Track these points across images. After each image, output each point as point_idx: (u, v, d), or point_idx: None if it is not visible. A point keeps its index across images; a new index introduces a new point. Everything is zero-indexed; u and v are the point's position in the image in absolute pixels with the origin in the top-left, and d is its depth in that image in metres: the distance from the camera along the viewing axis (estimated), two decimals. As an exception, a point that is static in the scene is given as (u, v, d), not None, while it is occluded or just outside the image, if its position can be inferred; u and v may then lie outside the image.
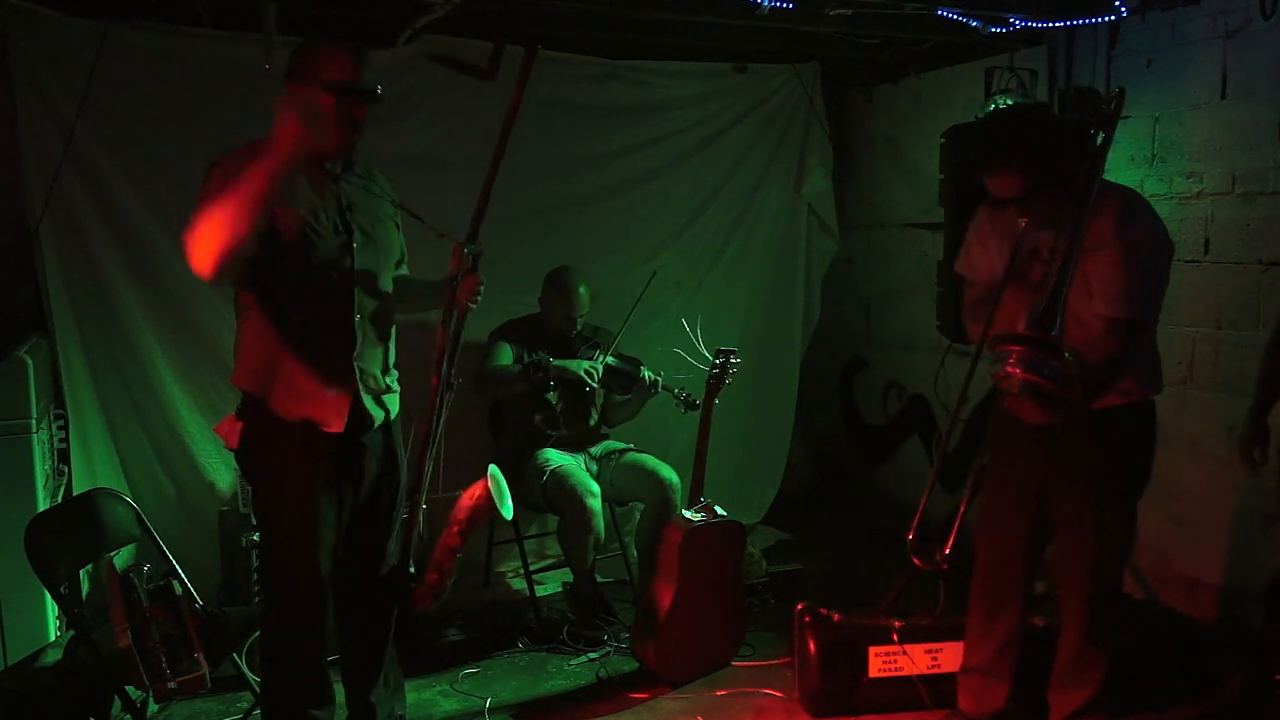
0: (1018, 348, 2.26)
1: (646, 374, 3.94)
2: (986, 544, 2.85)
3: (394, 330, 2.70)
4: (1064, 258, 2.38)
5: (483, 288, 2.56)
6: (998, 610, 2.84)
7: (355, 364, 2.53)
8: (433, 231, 2.60)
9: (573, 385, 3.92)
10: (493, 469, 2.57)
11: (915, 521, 2.67)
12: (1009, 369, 2.27)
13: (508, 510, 2.57)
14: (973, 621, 2.91)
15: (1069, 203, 2.44)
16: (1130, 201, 2.53)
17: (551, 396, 3.97)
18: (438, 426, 2.51)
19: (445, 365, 2.52)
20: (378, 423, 2.61)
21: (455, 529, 2.50)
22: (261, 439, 2.49)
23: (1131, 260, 2.43)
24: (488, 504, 2.48)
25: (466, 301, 2.54)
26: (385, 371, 2.65)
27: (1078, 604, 2.67)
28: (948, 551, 2.57)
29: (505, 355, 3.95)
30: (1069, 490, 2.64)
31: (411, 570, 2.54)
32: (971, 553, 2.90)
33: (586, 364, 3.87)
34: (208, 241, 2.22)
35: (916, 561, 2.63)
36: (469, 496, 2.51)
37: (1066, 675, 2.72)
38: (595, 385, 3.86)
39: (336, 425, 2.50)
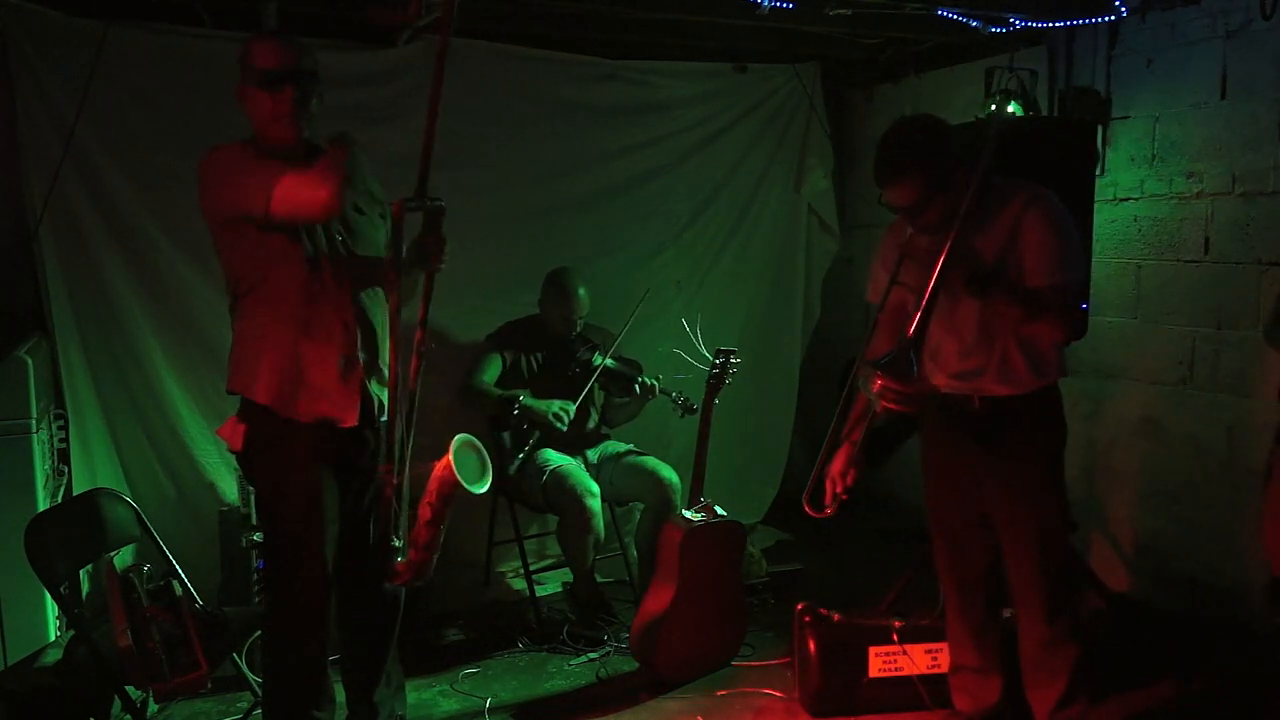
0: (879, 379, 2.44)
1: (645, 378, 3.94)
2: (939, 539, 2.87)
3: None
4: (926, 303, 2.46)
5: (448, 245, 2.43)
6: (965, 603, 2.86)
7: (361, 355, 2.53)
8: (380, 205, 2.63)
9: (564, 383, 3.91)
10: (463, 439, 2.46)
11: (813, 477, 2.88)
12: (874, 392, 2.47)
13: (480, 485, 2.45)
14: (949, 620, 2.93)
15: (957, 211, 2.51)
16: (1032, 187, 2.60)
17: (505, 436, 3.94)
18: (414, 397, 2.41)
19: (417, 331, 2.40)
20: (385, 413, 2.60)
21: (427, 501, 2.44)
22: (269, 441, 2.48)
23: (1053, 229, 2.52)
24: (452, 477, 2.38)
25: (435, 264, 2.41)
26: (385, 363, 2.64)
27: (1029, 590, 2.68)
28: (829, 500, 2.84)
29: (493, 370, 3.93)
30: (993, 478, 2.68)
31: (397, 544, 2.49)
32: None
33: (558, 405, 3.78)
34: (327, 179, 2.30)
35: (808, 509, 2.86)
36: (438, 468, 2.43)
37: (1038, 667, 2.71)
38: (563, 428, 3.79)
39: (352, 419, 2.50)
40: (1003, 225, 2.54)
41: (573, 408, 3.81)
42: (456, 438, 2.45)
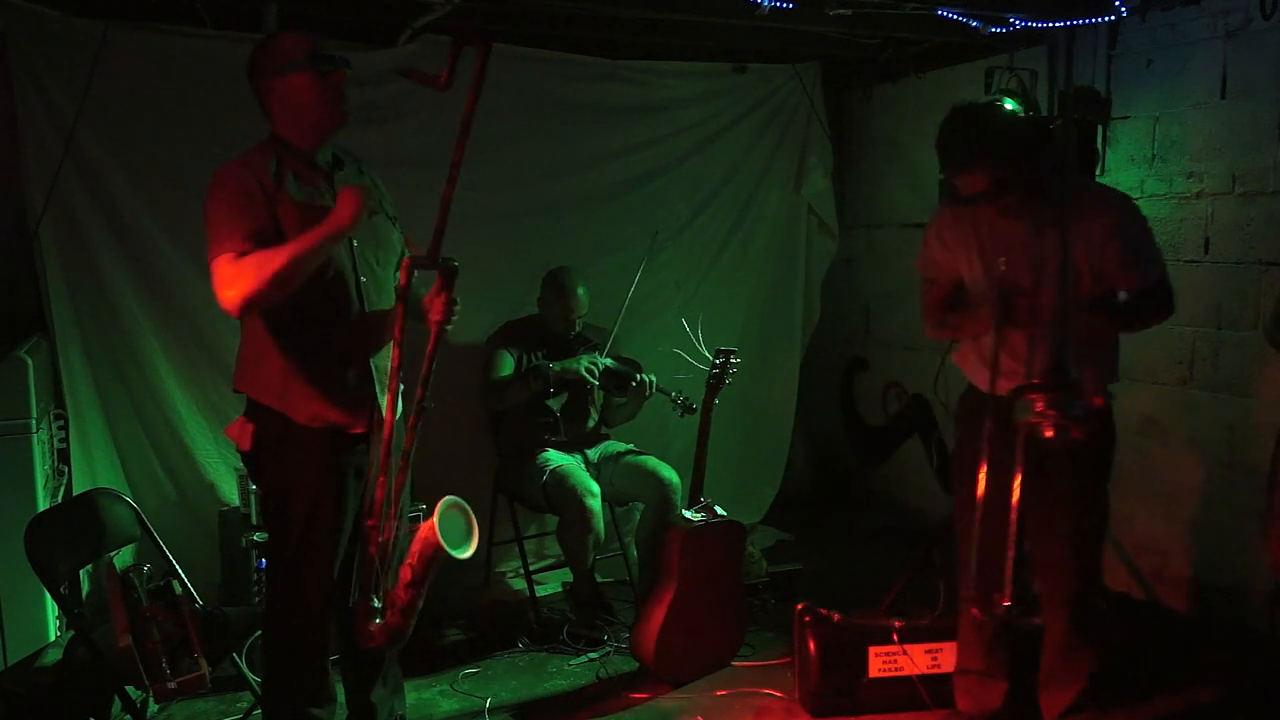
0: (1043, 395, 2.34)
1: (643, 377, 3.94)
2: (967, 544, 2.85)
3: None
4: (1059, 294, 2.44)
5: (458, 306, 2.43)
6: (984, 609, 2.84)
7: (371, 361, 2.52)
8: (405, 244, 2.62)
9: (575, 384, 3.92)
10: (450, 501, 2.41)
11: (969, 571, 2.53)
12: (1039, 416, 2.34)
13: (464, 550, 2.39)
14: (963, 622, 2.92)
15: (1035, 195, 2.53)
16: (1106, 189, 2.65)
17: (552, 403, 3.95)
18: (409, 453, 2.39)
19: (421, 388, 2.39)
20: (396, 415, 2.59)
21: (409, 563, 2.39)
22: (277, 442, 2.46)
23: (1141, 233, 2.57)
24: (435, 540, 2.33)
25: (441, 322, 2.41)
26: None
27: (1059, 598, 2.67)
28: (1009, 602, 2.46)
29: (507, 366, 3.94)
30: (1038, 484, 2.64)
31: (376, 604, 2.42)
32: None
33: (586, 360, 3.84)
34: (246, 285, 2.26)
35: (976, 613, 2.60)
36: (422, 530, 2.37)
37: (1055, 673, 2.71)
38: (596, 382, 3.83)
39: (361, 425, 2.48)
40: (1094, 223, 2.51)
41: (602, 361, 3.85)
42: (442, 500, 2.40)
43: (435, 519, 2.35)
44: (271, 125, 2.46)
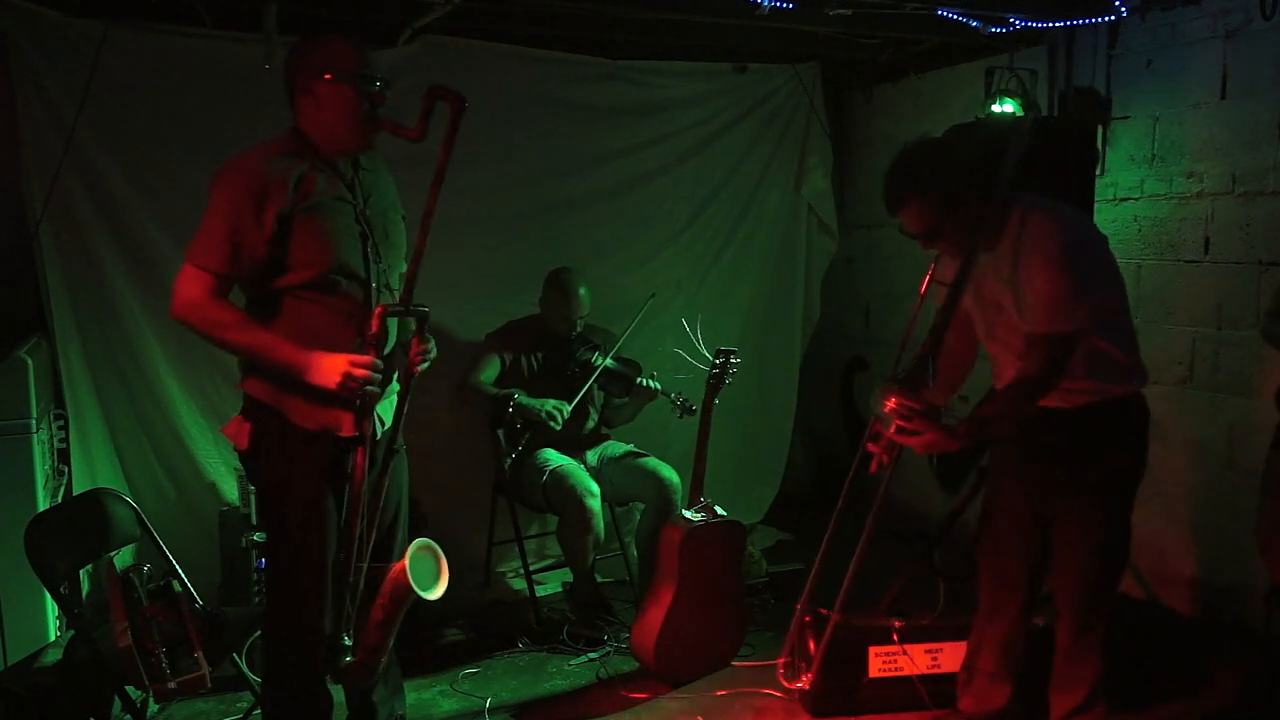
0: (892, 400, 2.45)
1: (643, 379, 3.93)
2: (988, 547, 2.85)
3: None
4: (944, 309, 2.47)
5: (432, 352, 2.47)
6: (999, 611, 2.84)
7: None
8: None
9: (563, 383, 3.90)
10: (420, 543, 2.43)
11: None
12: (884, 412, 2.49)
13: (434, 591, 2.42)
14: (977, 622, 2.92)
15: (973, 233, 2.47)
16: (1042, 217, 2.46)
17: (500, 434, 3.95)
18: (384, 491, 2.46)
19: (393, 430, 2.49)
20: (388, 424, 2.59)
21: (380, 602, 2.40)
22: (274, 442, 2.46)
23: (1047, 274, 2.39)
24: (405, 581, 2.35)
25: (415, 363, 2.44)
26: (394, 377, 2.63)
27: (1069, 604, 2.67)
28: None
29: (491, 370, 3.94)
30: (1060, 491, 2.64)
31: (347, 642, 2.44)
32: (970, 554, 2.91)
33: (551, 404, 3.78)
34: (189, 318, 2.33)
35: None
36: (393, 570, 2.39)
37: (1062, 674, 2.72)
38: (557, 428, 3.78)
39: (349, 429, 2.48)
40: (1006, 248, 2.46)
41: (567, 407, 3.81)
42: (414, 542, 2.42)
43: (406, 561, 2.37)
44: (296, 120, 2.45)
